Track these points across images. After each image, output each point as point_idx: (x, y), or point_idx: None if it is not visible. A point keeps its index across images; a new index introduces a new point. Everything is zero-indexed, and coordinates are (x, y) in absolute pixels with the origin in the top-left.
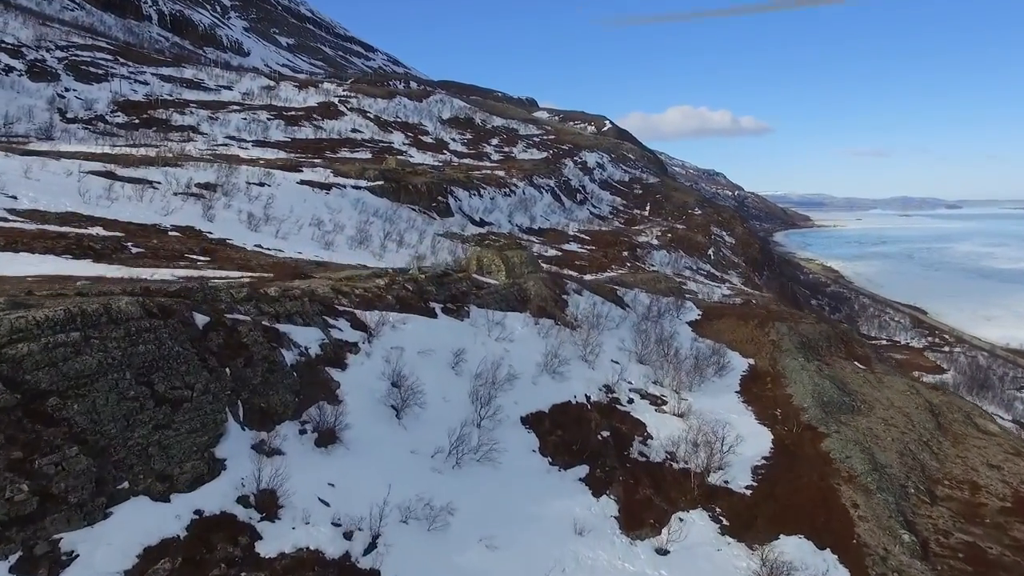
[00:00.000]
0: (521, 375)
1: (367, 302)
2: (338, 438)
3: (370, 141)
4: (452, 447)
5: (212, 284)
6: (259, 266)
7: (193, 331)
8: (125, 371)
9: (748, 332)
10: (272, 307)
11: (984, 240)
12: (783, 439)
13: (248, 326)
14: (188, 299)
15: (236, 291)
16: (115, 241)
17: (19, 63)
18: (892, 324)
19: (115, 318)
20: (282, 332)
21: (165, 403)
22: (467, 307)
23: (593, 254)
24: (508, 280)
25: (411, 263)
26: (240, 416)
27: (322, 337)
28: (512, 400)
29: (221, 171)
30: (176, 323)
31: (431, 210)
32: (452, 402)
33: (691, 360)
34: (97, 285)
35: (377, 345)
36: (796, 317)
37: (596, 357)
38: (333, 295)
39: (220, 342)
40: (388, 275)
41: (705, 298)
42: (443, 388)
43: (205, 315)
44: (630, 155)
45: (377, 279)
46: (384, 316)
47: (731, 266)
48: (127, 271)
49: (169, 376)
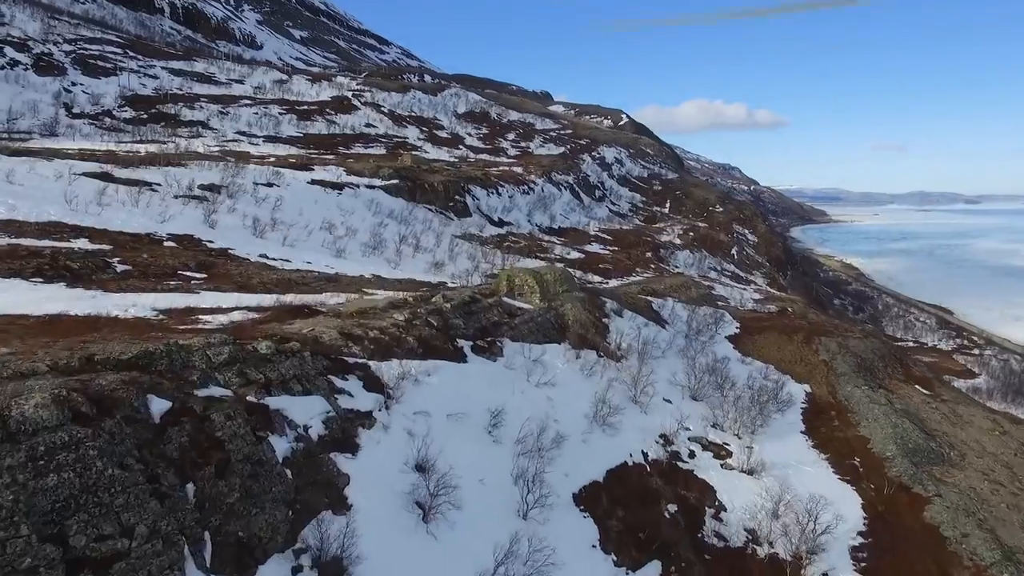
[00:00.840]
0: (569, 435)
1: (384, 348)
2: (347, 573)
3: (384, 136)
4: (497, 564)
5: (183, 345)
6: (260, 284)
7: (143, 431)
8: (20, 523)
9: (794, 350)
10: (261, 372)
11: (1007, 236)
12: (874, 503)
13: (226, 410)
14: (147, 371)
15: (215, 352)
16: (98, 257)
17: (25, 57)
18: (918, 325)
19: (13, 433)
20: (273, 410)
21: (84, 568)
22: (500, 341)
23: (616, 256)
24: (543, 303)
25: (429, 269)
26: (206, 559)
27: (327, 409)
28: (562, 471)
29: (227, 171)
30: (117, 424)
31: (448, 210)
32: (491, 485)
33: (748, 393)
34: (16, 361)
35: (397, 412)
36: (842, 330)
37: (648, 398)
38: (342, 342)
39: (184, 441)
40: (408, 305)
41: (737, 305)
42: (479, 466)
43: (166, 398)
44: (648, 150)
45: (395, 312)
46: (405, 367)
47: (755, 266)
48: (99, 303)
49: (95, 520)
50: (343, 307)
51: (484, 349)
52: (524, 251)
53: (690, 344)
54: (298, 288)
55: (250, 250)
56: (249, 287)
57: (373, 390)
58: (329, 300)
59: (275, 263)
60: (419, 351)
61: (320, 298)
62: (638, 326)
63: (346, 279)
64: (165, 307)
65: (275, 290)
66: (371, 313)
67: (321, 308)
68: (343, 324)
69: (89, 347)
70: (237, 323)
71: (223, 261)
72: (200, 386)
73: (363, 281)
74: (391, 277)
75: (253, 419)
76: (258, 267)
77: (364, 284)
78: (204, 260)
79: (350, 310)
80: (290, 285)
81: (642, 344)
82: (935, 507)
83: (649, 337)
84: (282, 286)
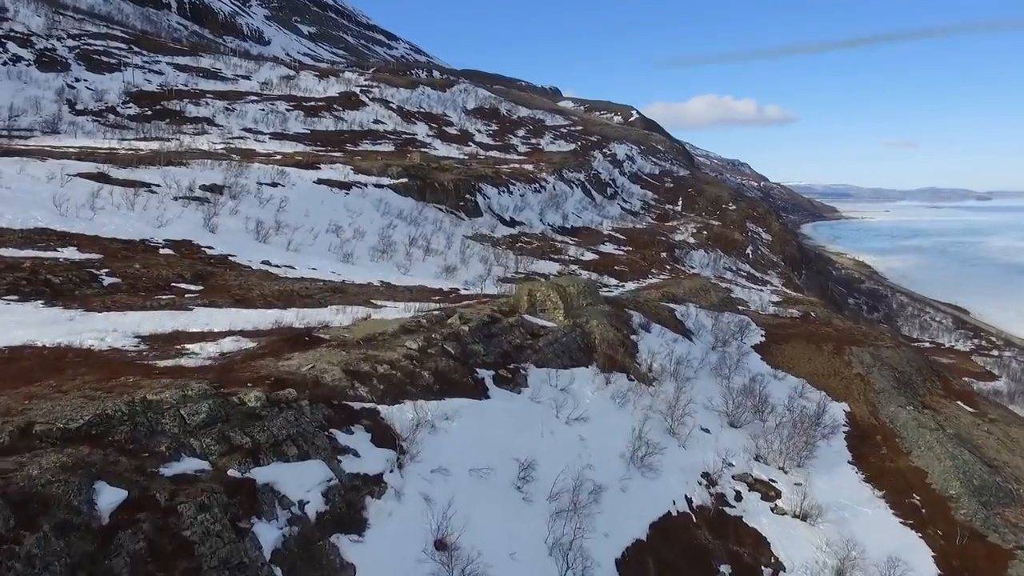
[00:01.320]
0: (606, 484)
1: (395, 388)
2: None
3: (393, 133)
4: None
5: (152, 402)
6: (260, 297)
7: (83, 541)
8: None
9: (825, 361)
10: (248, 434)
11: (1020, 234)
12: (947, 556)
13: (200, 496)
14: (101, 443)
15: (191, 410)
16: (85, 269)
17: (28, 52)
18: (933, 325)
19: None
20: (261, 485)
21: None
22: (524, 368)
23: (631, 256)
24: (567, 320)
25: (440, 274)
26: None
27: (327, 476)
28: (602, 531)
29: (230, 170)
30: (42, 539)
31: (459, 209)
32: (523, 560)
33: (788, 417)
34: None
35: (411, 472)
36: (871, 338)
37: (685, 428)
38: (347, 383)
39: (139, 548)
40: (422, 329)
41: (758, 309)
42: (509, 535)
43: (121, 485)
44: (659, 146)
45: (408, 339)
46: (420, 411)
47: (770, 265)
48: (75, 327)
49: None
50: (349, 332)
51: (507, 380)
52: (537, 252)
53: (723, 362)
54: (301, 301)
55: (252, 256)
56: (248, 301)
57: (383, 444)
58: (334, 319)
59: (278, 271)
60: (435, 388)
61: (324, 316)
62: (667, 342)
63: (353, 288)
64: (149, 332)
65: (276, 304)
66: (380, 341)
67: (324, 335)
68: (348, 358)
69: (31, 411)
70: (227, 356)
71: (222, 270)
72: (170, 459)
73: (371, 290)
74: (401, 284)
75: (235, 503)
76: (259, 276)
77: (372, 294)
78: (201, 270)
79: (357, 337)
80: (292, 298)
81: (674, 364)
82: (1021, 564)
83: (681, 355)
84: (284, 299)
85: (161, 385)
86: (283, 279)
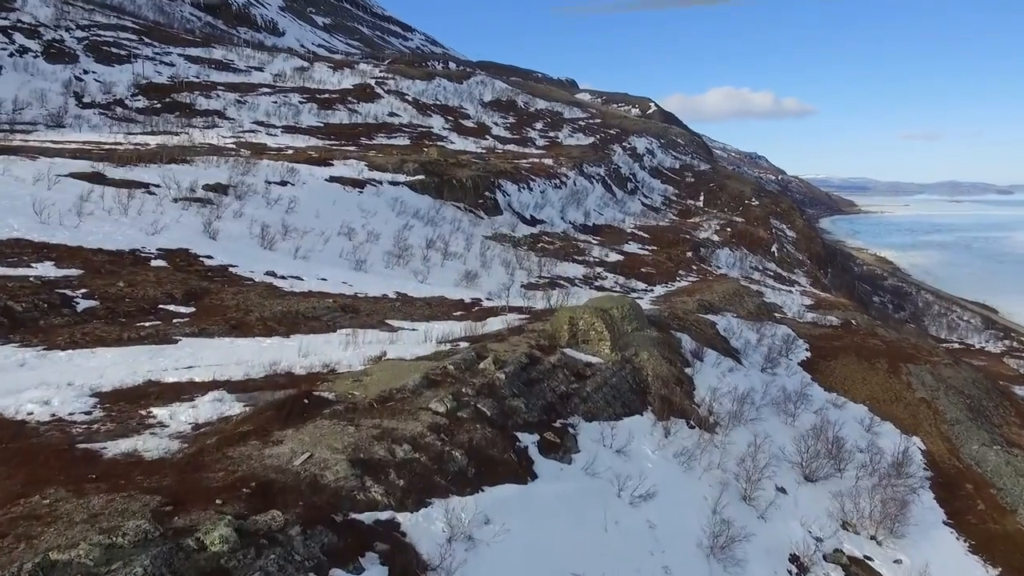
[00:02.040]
0: None
1: (419, 479)
2: None
3: (408, 125)
4: None
5: (57, 564)
6: (260, 322)
7: None
8: None
9: (882, 382)
10: None
11: None
12: None
13: None
14: None
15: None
16: (57, 291)
17: (35, 44)
18: (962, 324)
19: None
20: None
21: None
22: (572, 426)
23: (657, 257)
24: (614, 354)
25: (460, 281)
26: None
27: None
28: None
29: (236, 168)
30: None
31: (477, 207)
32: None
33: (867, 464)
34: None
35: None
36: (924, 354)
37: (764, 494)
38: (355, 481)
39: None
40: (449, 380)
41: (795, 316)
42: None
43: None
44: (679, 140)
45: (433, 399)
46: (452, 514)
47: (796, 264)
48: (17, 380)
49: None
50: (359, 385)
51: (555, 446)
52: (560, 254)
53: (785, 396)
54: (306, 325)
55: (255, 266)
56: (245, 327)
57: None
58: (343, 357)
59: (283, 283)
60: (470, 472)
61: (332, 352)
62: (722, 372)
63: (366, 305)
64: (112, 386)
65: (277, 331)
66: (399, 401)
67: (328, 393)
68: (357, 438)
69: None
70: (201, 430)
71: (219, 286)
72: None
73: (386, 306)
74: (418, 296)
75: None
76: (261, 292)
77: (387, 311)
78: (195, 286)
79: (369, 396)
80: (297, 321)
81: (735, 402)
82: None
83: (740, 389)
84: (287, 323)
85: (87, 513)
86: (288, 295)
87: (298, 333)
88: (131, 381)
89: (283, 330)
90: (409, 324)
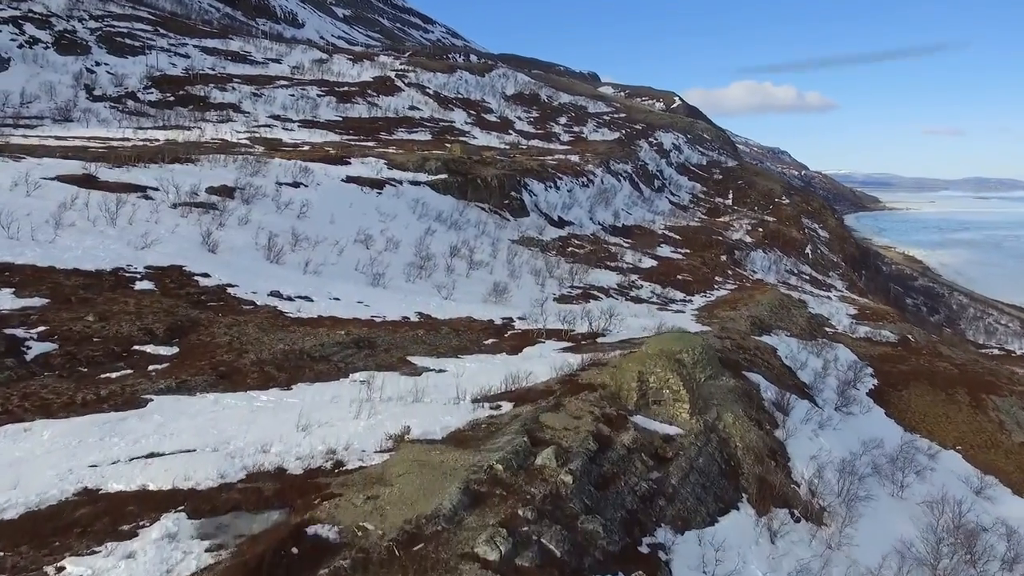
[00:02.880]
0: None
1: None
2: None
3: (429, 120)
4: None
5: None
6: (256, 367)
7: None
8: None
9: (967, 419)
10: None
11: None
12: None
13: None
14: None
15: None
16: (6, 331)
17: (46, 34)
18: (999, 328)
19: None
20: None
21: None
22: (663, 548)
23: (691, 261)
24: (695, 420)
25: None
26: None
27: None
28: None
29: (244, 168)
30: None
31: (503, 208)
32: None
33: (1010, 563)
34: None
35: None
36: (1003, 380)
37: None
38: None
39: None
40: (499, 492)
41: (846, 330)
42: None
43: None
44: (705, 135)
45: (478, 529)
46: None
47: (831, 266)
48: None
49: None
50: (373, 518)
51: None
52: (591, 259)
53: (896, 466)
54: (312, 370)
55: (259, 285)
56: (236, 376)
57: None
58: (355, 429)
59: (289, 307)
60: None
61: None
62: (812, 431)
63: (384, 336)
64: (24, 507)
65: (276, 380)
66: (430, 543)
67: (329, 532)
68: None
69: None
70: None
71: (212, 315)
72: None
73: (407, 335)
74: (443, 317)
75: None
76: (261, 323)
77: (409, 344)
78: (183, 318)
79: (388, 535)
80: (301, 364)
81: (841, 477)
82: None
83: (836, 455)
84: (288, 367)
85: None
86: (293, 324)
87: (302, 381)
88: (56, 493)
89: (283, 378)
90: (435, 363)
